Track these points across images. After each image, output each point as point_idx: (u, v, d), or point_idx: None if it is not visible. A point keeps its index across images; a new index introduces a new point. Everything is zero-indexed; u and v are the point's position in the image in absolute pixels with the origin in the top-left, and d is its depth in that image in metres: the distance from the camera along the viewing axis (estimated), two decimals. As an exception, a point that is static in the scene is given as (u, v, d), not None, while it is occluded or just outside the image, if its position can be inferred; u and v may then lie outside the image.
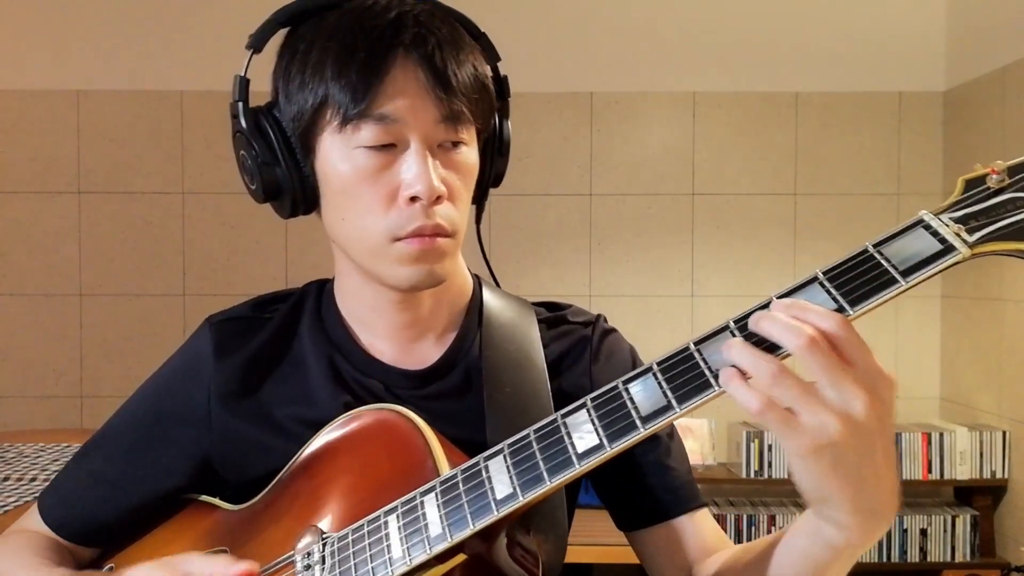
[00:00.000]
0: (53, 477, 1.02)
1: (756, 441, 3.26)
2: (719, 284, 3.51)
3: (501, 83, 0.94)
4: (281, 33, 0.88)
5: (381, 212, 0.82)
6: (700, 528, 0.91)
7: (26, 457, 2.29)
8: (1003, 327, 3.12)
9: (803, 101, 3.50)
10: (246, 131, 0.86)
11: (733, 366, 0.62)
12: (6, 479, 2.04)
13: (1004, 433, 3.16)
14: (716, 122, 3.51)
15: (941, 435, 3.22)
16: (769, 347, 0.63)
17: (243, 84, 0.88)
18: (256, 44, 0.87)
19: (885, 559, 3.22)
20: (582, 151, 3.52)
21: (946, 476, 3.23)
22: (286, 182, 0.86)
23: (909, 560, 3.22)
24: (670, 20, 3.49)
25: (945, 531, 3.22)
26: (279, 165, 0.86)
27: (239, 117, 0.87)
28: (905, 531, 3.22)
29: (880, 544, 3.22)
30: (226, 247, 3.49)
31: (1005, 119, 3.10)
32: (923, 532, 3.22)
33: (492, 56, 0.91)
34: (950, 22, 3.46)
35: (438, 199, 0.81)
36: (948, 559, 3.21)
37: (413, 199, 0.80)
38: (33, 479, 2.03)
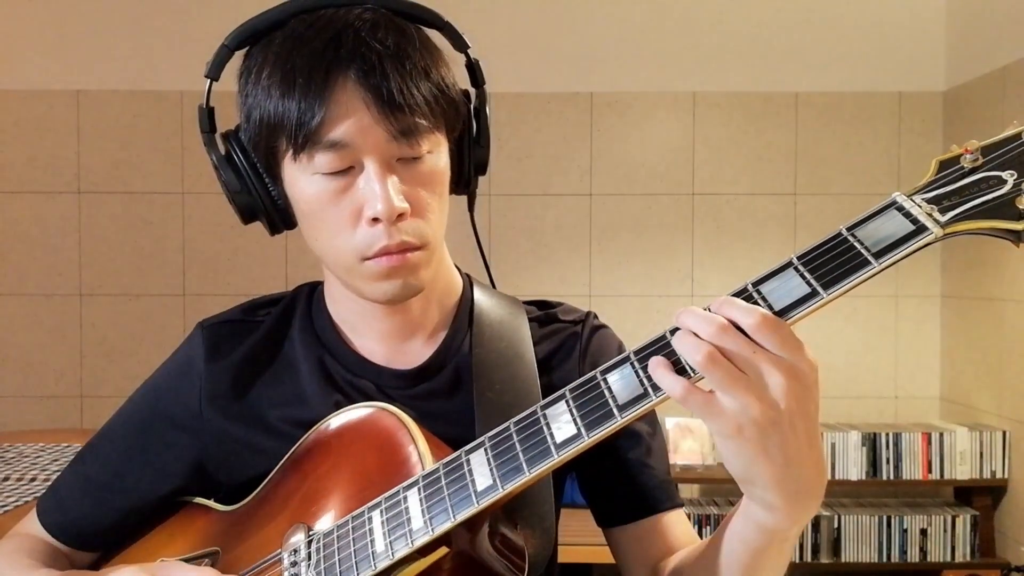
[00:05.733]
0: (52, 481, 1.03)
1: (756, 441, 3.25)
2: (719, 284, 3.51)
3: (473, 70, 0.91)
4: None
5: (348, 233, 0.81)
6: (672, 528, 0.92)
7: (26, 457, 2.29)
8: (1003, 327, 3.12)
9: (803, 101, 3.50)
10: (215, 162, 0.87)
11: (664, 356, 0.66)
12: (6, 479, 2.04)
13: (1004, 433, 3.16)
14: (716, 122, 3.51)
15: (941, 435, 3.22)
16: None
17: (205, 115, 0.88)
18: (212, 72, 0.87)
19: (885, 559, 3.22)
20: (582, 151, 3.52)
21: (946, 476, 3.23)
22: (259, 207, 0.87)
23: (909, 560, 3.22)
24: (670, 20, 3.49)
25: (945, 531, 3.22)
26: (249, 192, 0.86)
27: (206, 147, 0.87)
28: (905, 531, 3.22)
29: (880, 544, 3.22)
30: (226, 247, 3.49)
31: (1005, 119, 3.08)
32: (923, 532, 3.22)
33: (459, 45, 0.89)
34: (950, 22, 3.46)
35: (400, 216, 0.80)
36: (948, 559, 3.21)
37: (375, 219, 0.80)
38: (33, 479, 2.03)
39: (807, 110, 3.50)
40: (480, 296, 0.97)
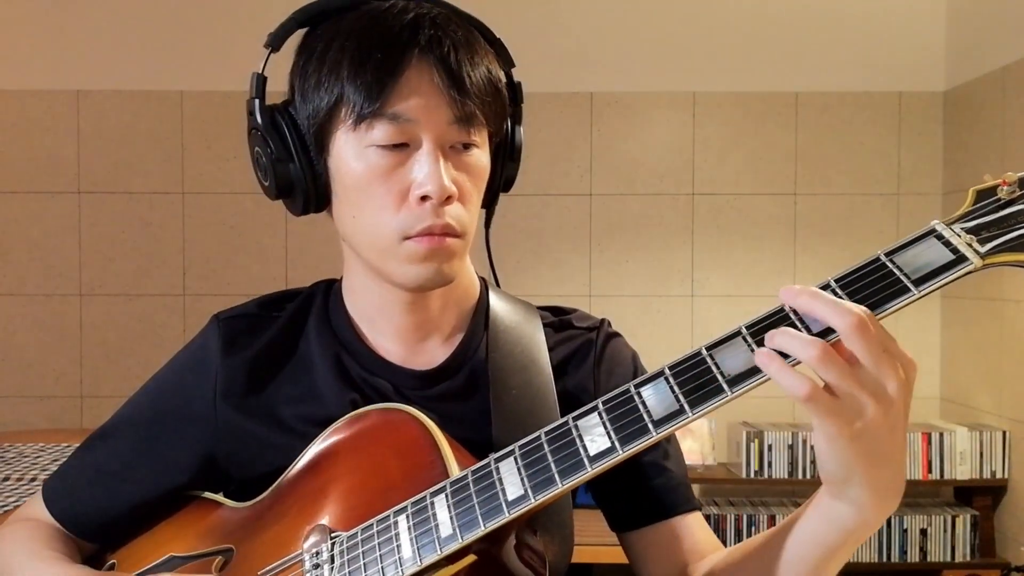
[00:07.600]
0: (60, 466, 1.01)
1: (756, 441, 3.26)
2: (719, 284, 3.51)
3: (515, 89, 0.94)
4: (299, 33, 0.89)
5: (392, 210, 0.83)
6: (692, 531, 0.91)
7: (26, 457, 2.29)
8: (1003, 327, 3.12)
9: (803, 101, 3.50)
10: (261, 128, 0.87)
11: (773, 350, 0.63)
12: (6, 479, 2.04)
13: (1004, 433, 3.16)
14: (716, 122, 3.51)
15: (941, 435, 3.22)
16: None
17: (260, 81, 0.89)
18: (274, 43, 0.89)
19: (885, 559, 3.22)
20: (582, 151, 3.52)
21: (946, 476, 3.23)
22: (299, 179, 0.87)
23: (909, 560, 3.22)
24: (670, 20, 3.49)
25: (945, 531, 3.22)
26: (293, 162, 0.87)
27: (255, 114, 0.88)
28: (905, 531, 3.22)
29: (880, 544, 3.22)
30: (226, 247, 3.49)
31: (1005, 119, 3.10)
32: (923, 532, 3.22)
33: (507, 62, 0.92)
34: (950, 22, 3.46)
35: (448, 199, 0.82)
36: (948, 559, 3.21)
37: (424, 198, 0.81)
38: (33, 479, 2.03)
39: (807, 110, 3.50)
40: (495, 300, 0.97)
